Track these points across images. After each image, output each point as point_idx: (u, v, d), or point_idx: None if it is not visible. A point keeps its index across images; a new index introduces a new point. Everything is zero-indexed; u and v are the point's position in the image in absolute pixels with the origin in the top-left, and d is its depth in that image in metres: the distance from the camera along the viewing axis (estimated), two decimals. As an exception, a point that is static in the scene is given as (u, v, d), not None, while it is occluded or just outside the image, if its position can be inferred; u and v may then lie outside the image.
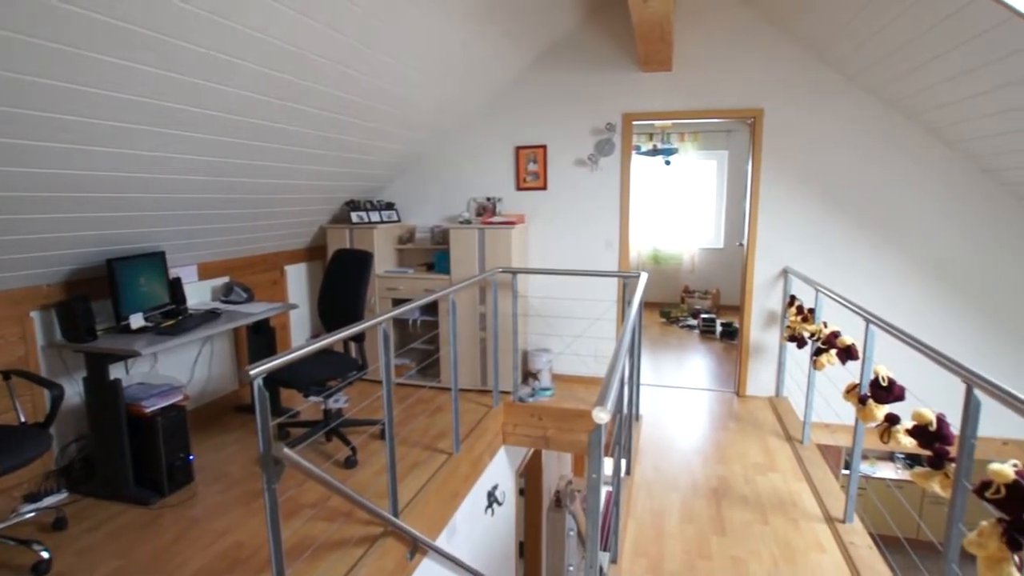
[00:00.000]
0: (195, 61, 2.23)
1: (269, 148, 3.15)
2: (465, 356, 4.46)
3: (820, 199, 4.18)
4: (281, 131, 3.07)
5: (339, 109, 3.26)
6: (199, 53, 2.20)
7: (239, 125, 2.79)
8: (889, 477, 6.29)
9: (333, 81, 2.97)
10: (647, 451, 3.53)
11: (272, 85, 2.68)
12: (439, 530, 3.09)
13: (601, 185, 4.57)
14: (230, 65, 2.37)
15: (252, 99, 2.67)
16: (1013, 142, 3.31)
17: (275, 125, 2.99)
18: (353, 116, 3.45)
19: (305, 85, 2.84)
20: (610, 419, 2.08)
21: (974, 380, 1.72)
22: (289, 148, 3.29)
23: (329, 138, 3.50)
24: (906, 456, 6.37)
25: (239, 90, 2.55)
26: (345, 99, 3.21)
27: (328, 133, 3.43)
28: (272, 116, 2.90)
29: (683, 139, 7.35)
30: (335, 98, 3.13)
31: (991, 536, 1.55)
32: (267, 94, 2.71)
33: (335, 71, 2.90)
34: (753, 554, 2.53)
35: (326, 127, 3.35)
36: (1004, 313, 3.98)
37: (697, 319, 6.63)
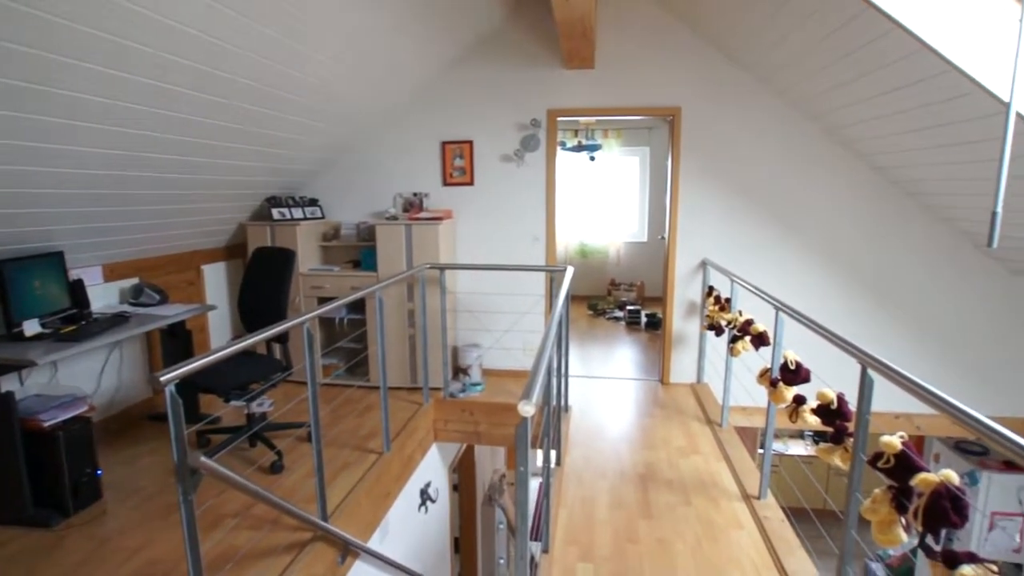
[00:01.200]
0: (96, 47, 2.07)
1: (180, 141, 2.98)
2: (394, 354, 4.40)
3: (735, 194, 4.40)
4: (193, 123, 2.91)
5: (257, 102, 3.13)
6: (100, 38, 2.05)
7: (145, 116, 2.62)
8: (800, 454, 6.73)
9: (250, 73, 2.84)
10: (576, 441, 3.61)
11: (183, 75, 2.53)
12: (371, 531, 3.04)
13: (527, 180, 4.62)
14: (136, 53, 2.22)
15: (160, 89, 2.51)
16: (896, 143, 3.61)
17: (186, 117, 2.83)
18: (272, 109, 3.31)
19: (220, 76, 2.70)
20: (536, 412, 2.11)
21: (868, 361, 1.87)
22: (203, 141, 3.12)
23: (247, 131, 3.35)
24: (814, 434, 6.83)
25: (145, 79, 2.40)
26: (263, 91, 3.08)
27: (246, 126, 3.28)
28: (182, 108, 2.75)
29: (607, 136, 7.54)
30: (252, 90, 3.00)
31: (882, 502, 1.69)
32: (178, 84, 2.56)
33: (252, 62, 2.78)
34: (678, 535, 2.64)
35: (243, 120, 3.21)
36: (894, 298, 4.34)
37: (623, 311, 6.83)
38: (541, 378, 1.59)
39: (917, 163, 3.69)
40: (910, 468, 1.65)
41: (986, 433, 1.39)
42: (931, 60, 2.58)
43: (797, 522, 2.85)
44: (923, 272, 4.27)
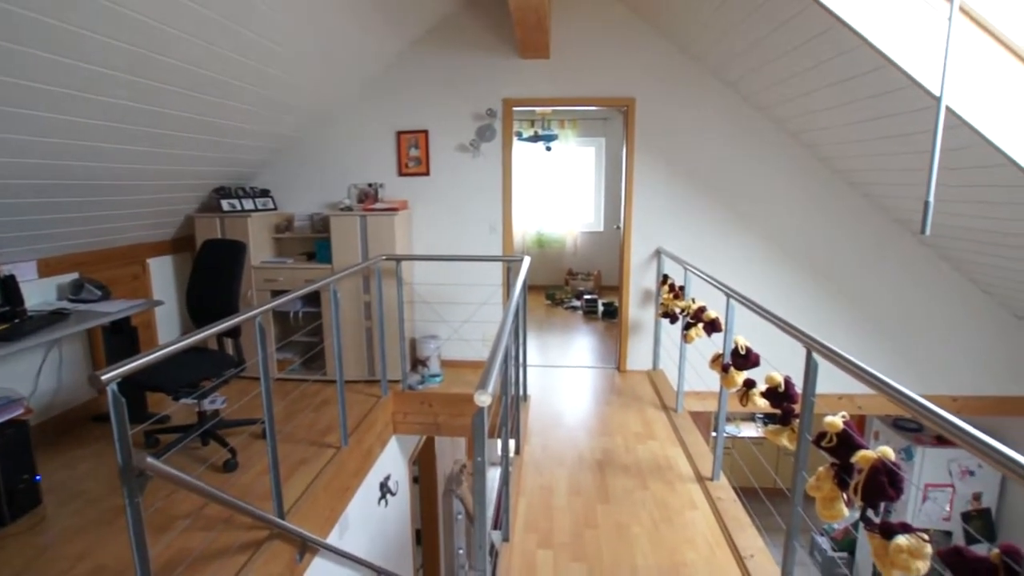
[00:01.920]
0: (30, 29, 1.95)
1: (120, 129, 2.84)
2: (351, 347, 4.34)
3: (688, 184, 4.49)
4: (135, 111, 2.78)
5: (204, 89, 3.01)
6: (34, 20, 1.93)
7: (82, 102, 2.49)
8: (751, 436, 6.97)
9: (197, 59, 2.73)
10: (535, 430, 3.64)
11: (123, 59, 2.41)
12: (330, 527, 3.01)
13: (484, 170, 4.60)
14: (73, 36, 2.11)
15: (100, 75, 2.39)
16: (838, 135, 3.75)
17: (128, 104, 2.70)
18: (220, 96, 3.20)
19: (164, 62, 2.59)
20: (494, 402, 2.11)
21: (812, 344, 1.95)
22: (144, 129, 2.99)
23: (193, 119, 3.22)
24: (764, 416, 7.08)
25: (82, 63, 2.27)
26: (211, 78, 2.96)
27: (192, 114, 3.16)
28: (124, 94, 2.62)
29: (563, 126, 7.57)
30: (199, 77, 2.88)
31: (826, 479, 1.77)
32: (117, 68, 2.44)
33: (199, 48, 2.67)
34: (635, 518, 2.70)
35: (190, 107, 3.09)
36: (837, 283, 4.52)
37: (580, 300, 6.90)
38: (497, 368, 1.59)
39: (857, 154, 3.84)
40: (851, 446, 1.73)
41: (918, 410, 1.47)
42: (869, 55, 2.68)
43: (748, 501, 2.95)
44: (864, 258, 4.46)
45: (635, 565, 2.39)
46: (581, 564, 2.38)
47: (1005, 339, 4.45)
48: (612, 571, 2.35)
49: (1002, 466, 1.20)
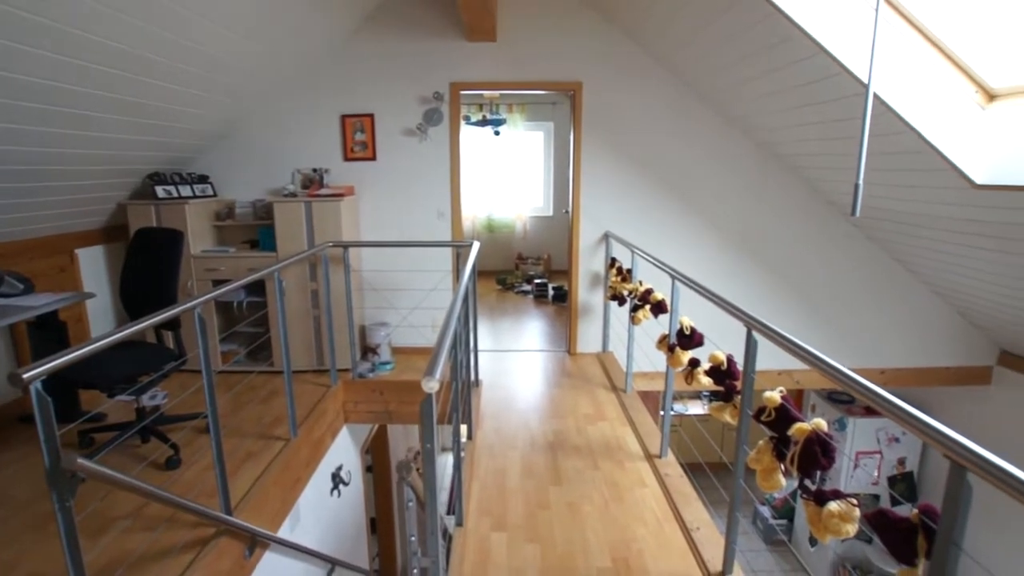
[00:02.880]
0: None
1: (41, 110, 2.66)
2: (298, 336, 4.24)
3: (635, 168, 4.56)
4: (55, 91, 2.61)
5: (134, 69, 2.85)
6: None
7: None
8: (698, 413, 7.22)
9: (126, 37, 2.58)
10: (488, 414, 3.66)
11: (45, 37, 2.25)
12: (281, 520, 2.95)
13: (431, 155, 4.54)
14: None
15: (15, 51, 2.23)
16: (776, 121, 3.87)
17: (47, 83, 2.53)
18: (152, 77, 3.03)
19: (89, 40, 2.43)
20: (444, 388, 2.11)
21: (752, 323, 2.02)
22: (68, 111, 2.80)
23: (122, 101, 3.04)
24: (710, 394, 7.34)
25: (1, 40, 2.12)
26: (141, 57, 2.80)
27: (121, 95, 2.99)
28: (43, 73, 2.45)
29: (512, 110, 7.54)
30: (128, 56, 2.72)
31: (765, 452, 1.85)
32: (39, 47, 2.28)
33: (129, 26, 2.52)
34: (586, 498, 2.76)
35: (118, 88, 2.91)
36: (777, 264, 4.70)
37: (531, 284, 6.94)
38: (445, 354, 1.59)
39: (794, 139, 3.98)
40: (788, 419, 1.81)
41: (846, 382, 1.55)
42: (804, 43, 2.78)
43: (695, 476, 3.06)
44: (801, 239, 4.65)
45: (587, 543, 2.44)
46: (534, 545, 2.42)
47: (927, 314, 4.73)
48: (564, 550, 2.40)
49: (917, 430, 1.28)
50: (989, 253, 3.46)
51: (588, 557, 2.36)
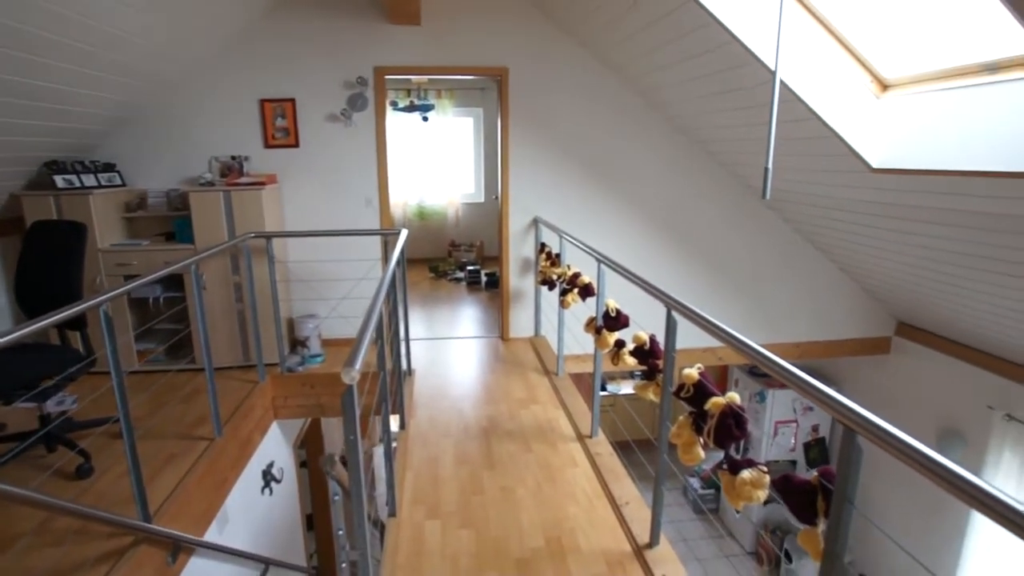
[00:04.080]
0: None
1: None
2: (221, 331, 4.08)
3: (562, 153, 4.61)
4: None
5: (21, 46, 2.61)
6: None
7: None
8: (631, 393, 7.44)
9: (9, 10, 2.36)
10: (421, 403, 3.65)
11: None
12: (207, 523, 2.85)
13: (357, 141, 4.43)
14: None
15: None
16: (695, 107, 4.01)
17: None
18: (44, 56, 2.79)
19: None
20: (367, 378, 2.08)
21: (671, 303, 2.10)
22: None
23: (9, 82, 2.79)
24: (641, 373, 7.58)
25: None
26: (28, 33, 2.57)
27: (11, 76, 2.74)
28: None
29: (440, 96, 7.43)
30: (14, 32, 2.49)
31: (684, 427, 1.94)
32: None
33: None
34: (519, 481, 2.81)
35: (7, 68, 2.67)
36: (700, 245, 4.89)
37: (464, 271, 6.93)
38: (367, 344, 1.57)
39: (712, 125, 4.13)
40: (705, 395, 1.90)
41: (754, 356, 1.63)
42: (717, 31, 2.88)
43: (625, 454, 3.17)
44: (722, 222, 4.85)
45: (520, 525, 2.49)
46: (469, 530, 2.45)
47: (834, 290, 5.06)
48: (499, 533, 2.43)
49: (814, 398, 1.38)
50: (886, 232, 3.72)
51: (522, 538, 2.40)
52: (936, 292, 4.02)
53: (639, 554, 2.30)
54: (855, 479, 1.29)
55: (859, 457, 1.28)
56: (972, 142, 2.60)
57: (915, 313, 4.73)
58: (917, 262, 3.82)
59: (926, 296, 4.21)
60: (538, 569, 2.23)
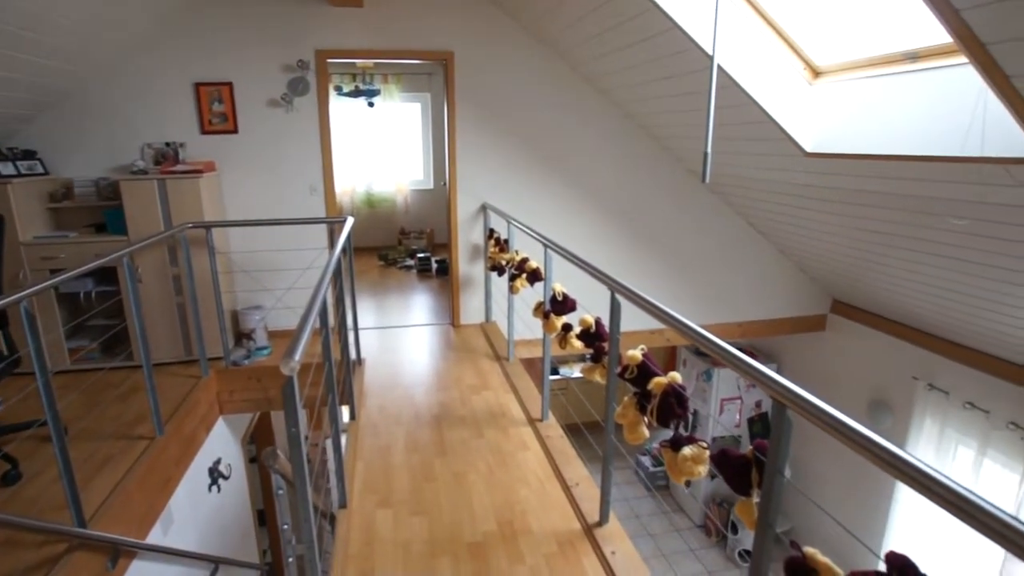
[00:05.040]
0: None
1: None
2: (161, 326, 3.92)
3: (510, 138, 4.59)
4: None
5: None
6: None
7: None
8: (581, 376, 7.57)
9: None
10: (372, 392, 3.61)
11: None
12: (150, 525, 2.76)
13: (299, 127, 4.31)
14: None
15: None
16: (639, 92, 4.06)
17: None
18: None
19: None
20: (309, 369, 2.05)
21: (614, 286, 2.14)
22: None
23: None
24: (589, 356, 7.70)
25: None
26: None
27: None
28: None
29: (387, 81, 7.29)
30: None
31: (629, 407, 1.99)
32: None
33: None
34: (471, 466, 2.82)
35: None
36: (647, 229, 4.98)
37: (414, 259, 6.86)
38: (307, 334, 1.54)
39: (656, 111, 4.20)
40: (649, 375, 1.95)
41: (692, 336, 1.69)
42: (659, 18, 2.92)
43: (577, 436, 3.22)
44: (668, 205, 4.95)
45: (472, 509, 2.51)
46: (421, 517, 2.45)
47: (774, 270, 5.25)
48: (451, 519, 2.44)
49: (748, 374, 1.43)
50: (820, 214, 3.88)
51: (474, 523, 2.42)
52: (866, 271, 4.23)
53: (589, 532, 2.36)
54: (786, 451, 1.35)
55: (789, 430, 1.34)
56: (897, 128, 2.74)
57: (848, 291, 4.96)
58: (848, 243, 4.00)
59: (857, 275, 4.43)
60: (490, 552, 2.26)
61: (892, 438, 4.30)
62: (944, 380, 4.19)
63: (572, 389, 7.39)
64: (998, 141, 2.23)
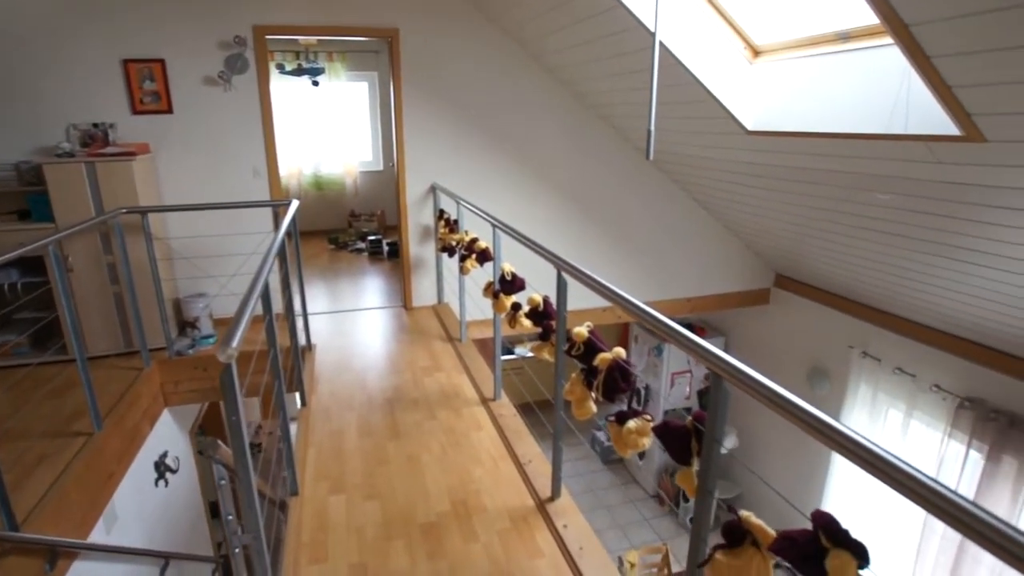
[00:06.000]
0: None
1: None
2: (97, 317, 3.76)
3: (458, 117, 4.54)
4: None
5: None
6: None
7: None
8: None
9: None
10: (324, 378, 3.56)
11: None
12: (92, 524, 2.67)
13: (239, 107, 4.14)
14: None
15: None
16: (587, 71, 4.07)
17: None
18: None
19: None
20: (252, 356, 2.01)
21: (560, 264, 2.16)
22: None
23: None
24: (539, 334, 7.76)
25: None
26: None
27: None
28: None
29: (332, 59, 7.07)
30: None
31: (576, 383, 2.02)
32: None
33: None
34: (424, 448, 2.83)
35: None
36: (597, 208, 5.02)
37: (365, 242, 6.75)
38: (245, 320, 1.51)
39: (603, 89, 4.22)
40: (595, 351, 1.98)
41: (635, 311, 1.72)
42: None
43: (530, 415, 3.26)
44: (617, 184, 5.00)
45: (426, 491, 2.52)
46: (374, 501, 2.45)
47: (720, 246, 5.39)
48: (405, 501, 2.45)
49: (687, 348, 1.48)
50: (761, 191, 4.00)
51: (428, 504, 2.43)
52: (806, 246, 4.39)
53: (542, 508, 2.40)
54: (723, 420, 1.40)
55: (726, 400, 1.38)
56: (831, 106, 2.83)
57: (790, 266, 5.15)
58: (789, 219, 4.14)
59: (798, 250, 4.59)
60: (444, 532, 2.28)
61: (830, 404, 4.51)
62: (876, 348, 4.41)
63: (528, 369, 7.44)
64: (920, 119, 2.33)
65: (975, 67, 1.91)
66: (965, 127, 2.17)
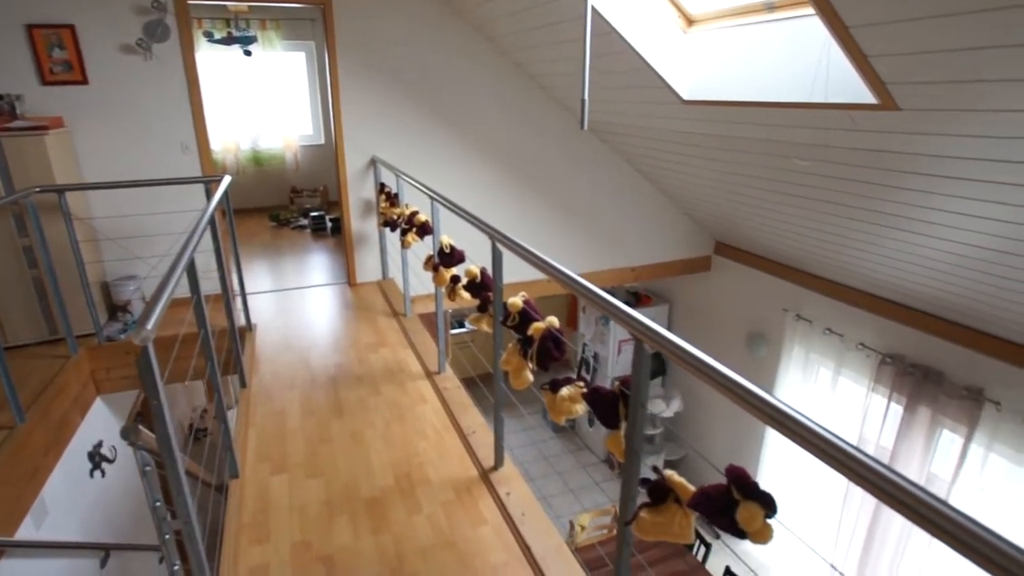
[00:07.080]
0: None
1: None
2: (13, 304, 3.55)
3: (396, 90, 4.43)
4: None
5: None
6: None
7: None
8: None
9: None
10: (265, 357, 3.49)
11: None
12: (19, 520, 2.56)
13: (162, 77, 3.92)
14: None
15: None
16: (525, 40, 4.02)
17: None
18: None
19: None
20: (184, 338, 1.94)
21: (494, 236, 2.16)
22: None
23: None
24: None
25: None
26: None
27: None
28: None
29: (265, 27, 6.75)
30: None
31: (513, 353, 2.04)
32: None
33: None
34: (368, 424, 2.81)
35: None
36: (538, 179, 5.01)
37: (308, 218, 6.58)
38: (164, 301, 1.45)
39: (541, 59, 4.18)
40: (529, 321, 2.00)
41: (567, 282, 1.74)
42: (535, -39, 2.87)
43: (473, 388, 3.28)
44: (558, 155, 5.00)
45: (371, 466, 2.51)
46: (317, 479, 2.43)
47: (662, 215, 5.49)
48: (348, 478, 2.44)
49: (612, 314, 1.51)
50: (698, 160, 4.08)
51: (372, 479, 2.43)
52: (742, 213, 4.52)
53: (485, 477, 2.44)
54: (646, 384, 1.44)
55: (648, 363, 1.42)
56: (760, 75, 2.89)
57: (728, 233, 5.29)
58: (726, 186, 4.24)
59: (735, 217, 4.72)
60: (388, 505, 2.29)
61: (768, 366, 4.68)
62: (808, 310, 4.62)
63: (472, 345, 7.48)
64: (840, 88, 2.41)
65: (890, 37, 1.98)
66: (880, 95, 2.25)
